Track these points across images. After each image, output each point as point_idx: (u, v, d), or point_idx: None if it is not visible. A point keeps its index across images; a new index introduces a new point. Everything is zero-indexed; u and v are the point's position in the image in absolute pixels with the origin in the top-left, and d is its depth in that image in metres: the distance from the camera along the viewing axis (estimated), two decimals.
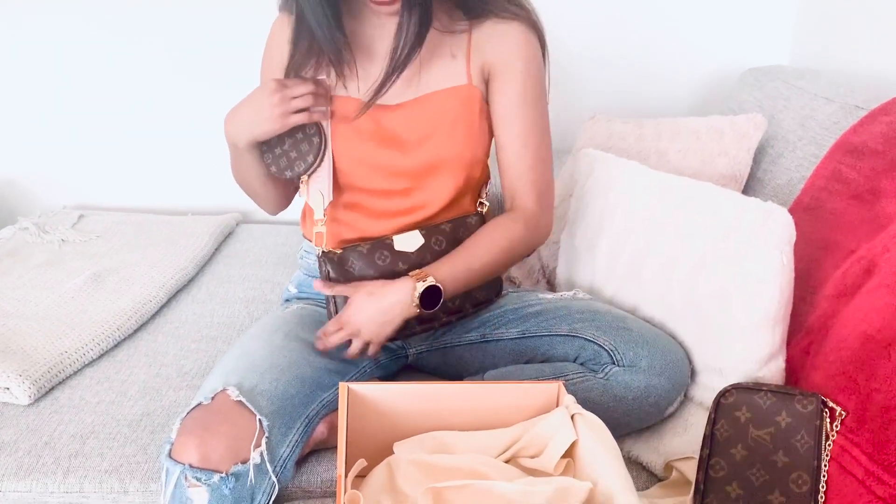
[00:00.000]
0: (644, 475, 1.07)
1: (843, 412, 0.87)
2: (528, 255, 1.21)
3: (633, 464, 1.09)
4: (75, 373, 1.26)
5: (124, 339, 1.37)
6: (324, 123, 1.12)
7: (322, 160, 1.12)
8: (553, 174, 1.17)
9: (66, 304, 1.41)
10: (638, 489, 1.06)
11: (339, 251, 1.10)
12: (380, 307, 1.04)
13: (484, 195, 1.21)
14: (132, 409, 1.17)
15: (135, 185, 2.00)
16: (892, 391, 0.81)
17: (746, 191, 1.34)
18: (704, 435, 0.93)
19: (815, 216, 1.07)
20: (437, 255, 1.10)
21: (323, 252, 1.10)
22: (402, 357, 1.24)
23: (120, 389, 1.22)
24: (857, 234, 0.99)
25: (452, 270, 1.07)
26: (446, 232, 1.13)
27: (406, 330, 1.08)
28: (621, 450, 1.11)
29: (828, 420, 0.88)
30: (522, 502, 0.81)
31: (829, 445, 0.87)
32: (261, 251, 1.76)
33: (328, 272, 1.09)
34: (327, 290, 1.09)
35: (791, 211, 1.13)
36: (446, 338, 1.20)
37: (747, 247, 0.96)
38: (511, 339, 1.17)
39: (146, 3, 1.84)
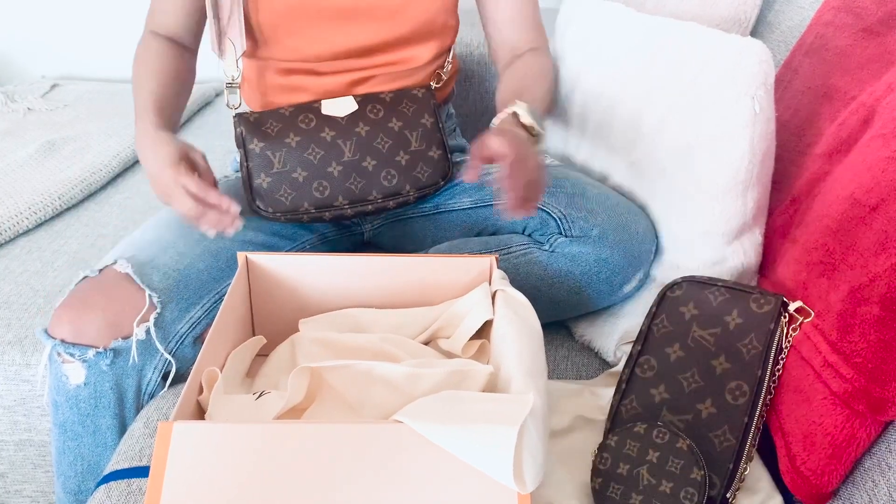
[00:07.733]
0: (596, 362, 0.94)
1: (801, 317, 0.71)
2: None
3: (585, 350, 0.96)
4: (7, 241, 1.19)
5: (68, 209, 1.28)
6: None
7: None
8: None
9: (12, 173, 1.33)
10: (587, 377, 0.93)
11: (256, 112, 0.97)
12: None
13: (447, 64, 1.06)
14: (54, 280, 1.09)
15: (116, 55, 1.88)
16: (866, 266, 0.64)
17: (752, 36, 1.12)
18: (640, 330, 0.78)
19: (817, 58, 0.86)
20: (373, 125, 0.96)
21: (238, 113, 0.97)
22: (357, 234, 1.13)
23: (48, 259, 1.14)
24: (861, 77, 0.79)
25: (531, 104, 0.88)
26: (386, 102, 0.98)
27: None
28: (573, 333, 0.99)
29: (785, 322, 0.72)
30: (407, 387, 0.69)
31: (784, 356, 0.72)
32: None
33: (241, 133, 0.96)
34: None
35: (792, 55, 0.93)
36: (401, 209, 1.08)
37: (715, 93, 0.78)
38: (464, 209, 1.04)
39: None
